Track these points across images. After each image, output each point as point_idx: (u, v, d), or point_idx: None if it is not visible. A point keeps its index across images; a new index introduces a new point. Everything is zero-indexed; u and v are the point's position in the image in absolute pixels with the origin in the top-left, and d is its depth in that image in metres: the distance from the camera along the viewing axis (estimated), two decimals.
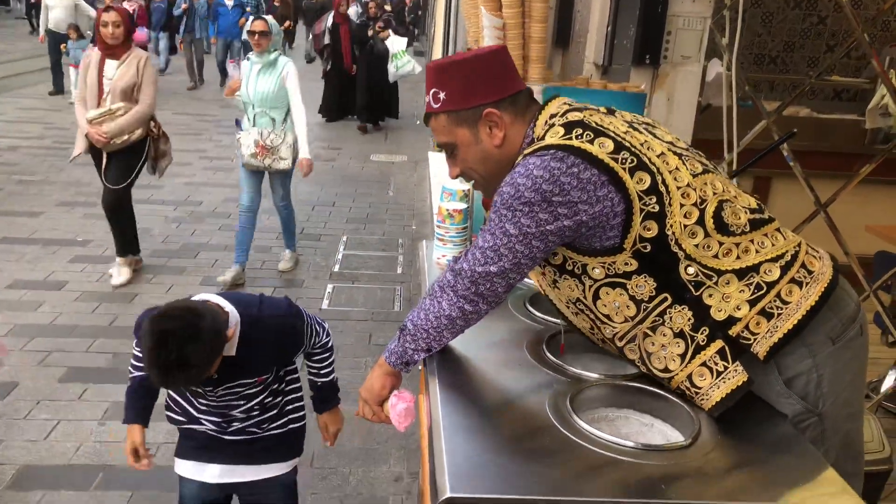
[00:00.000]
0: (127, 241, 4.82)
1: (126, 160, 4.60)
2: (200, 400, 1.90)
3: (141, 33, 11.62)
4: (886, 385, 3.32)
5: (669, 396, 1.52)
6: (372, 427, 3.24)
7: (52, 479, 2.85)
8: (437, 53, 8.69)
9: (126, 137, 4.47)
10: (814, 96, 6.30)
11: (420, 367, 1.84)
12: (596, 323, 1.55)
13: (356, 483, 2.95)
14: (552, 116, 1.54)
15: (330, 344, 2.10)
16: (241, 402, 1.90)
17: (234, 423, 1.93)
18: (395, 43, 9.34)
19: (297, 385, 2.07)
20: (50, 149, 7.96)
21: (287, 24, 14.94)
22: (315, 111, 10.90)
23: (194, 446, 1.97)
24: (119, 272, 4.74)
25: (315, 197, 6.96)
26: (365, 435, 3.25)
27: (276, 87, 4.60)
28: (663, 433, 1.52)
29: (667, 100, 2.56)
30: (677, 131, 2.63)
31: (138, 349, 1.94)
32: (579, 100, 2.26)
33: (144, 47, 12.31)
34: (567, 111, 1.55)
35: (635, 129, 1.53)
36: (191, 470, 1.99)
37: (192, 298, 1.80)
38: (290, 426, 2.04)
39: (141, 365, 1.94)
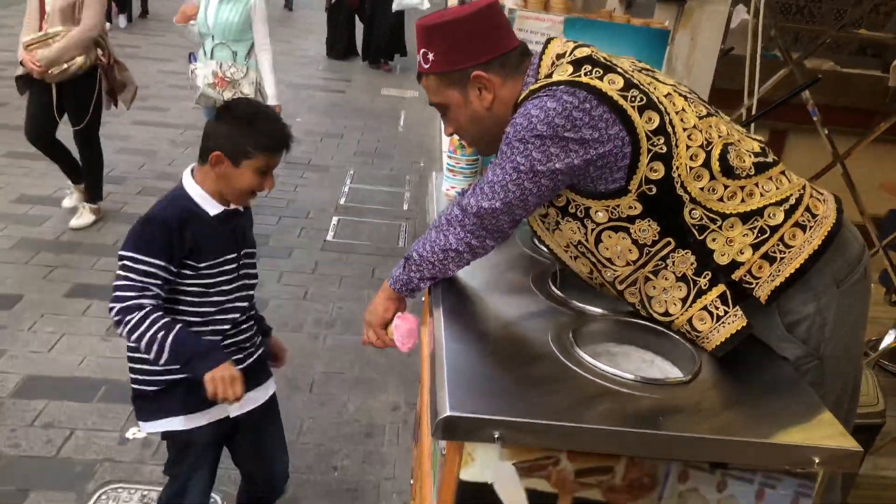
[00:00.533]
0: (97, 183, 4.43)
1: (76, 96, 4.06)
2: (223, 290, 1.82)
3: None
4: (885, 343, 3.33)
5: (672, 335, 1.53)
6: (371, 356, 3.28)
7: (55, 390, 2.90)
8: None
9: (65, 66, 3.86)
10: (839, 50, 6.15)
11: (423, 299, 1.85)
12: (597, 266, 1.55)
13: (354, 410, 3.00)
14: (558, 57, 1.51)
15: None
16: (251, 282, 1.91)
17: (242, 328, 1.91)
18: None
19: None
20: None
21: None
22: (320, 47, 10.55)
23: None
24: (82, 214, 4.37)
25: (323, 128, 6.89)
26: (364, 364, 3.29)
27: (241, 19, 4.03)
28: (663, 370, 1.52)
29: (690, 39, 2.49)
30: (698, 72, 2.57)
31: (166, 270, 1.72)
32: (600, 34, 2.21)
33: None
34: (574, 48, 1.52)
35: (638, 70, 1.51)
36: (207, 416, 1.87)
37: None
38: (262, 344, 2.04)
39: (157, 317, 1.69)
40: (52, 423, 2.73)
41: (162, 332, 1.66)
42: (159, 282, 1.71)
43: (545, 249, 1.89)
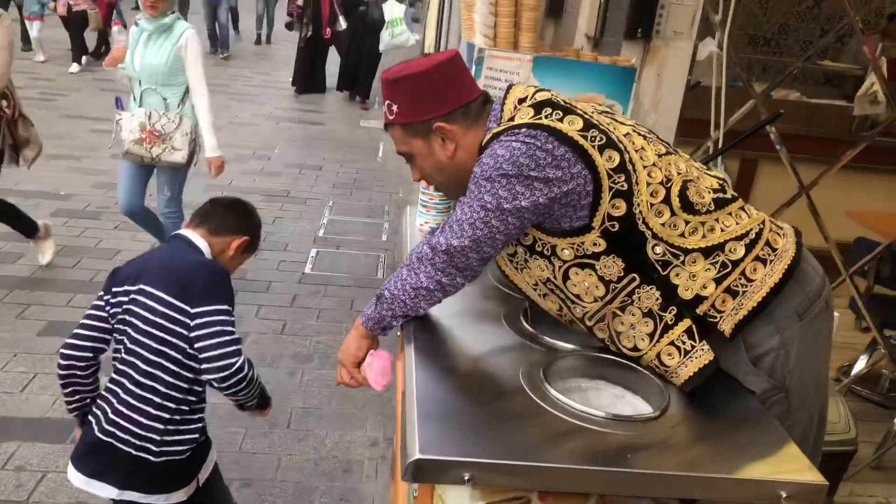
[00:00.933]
0: (25, 226, 4.09)
1: None
2: None
3: None
4: (857, 369, 3.38)
5: (641, 369, 1.55)
6: (349, 391, 3.27)
7: (27, 432, 2.86)
8: (433, 21, 8.56)
9: None
10: (805, 81, 6.30)
11: (398, 334, 1.85)
12: (566, 303, 1.57)
13: (332, 446, 2.98)
14: (520, 101, 1.57)
15: None
16: None
17: None
18: (394, 8, 8.43)
19: None
20: (33, 100, 7.83)
21: None
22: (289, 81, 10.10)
23: (205, 439, 1.92)
24: (42, 252, 4.19)
25: (302, 160, 6.91)
26: (342, 399, 3.27)
27: (169, 60, 3.57)
28: (634, 405, 1.54)
29: (656, 75, 2.55)
30: (666, 108, 2.63)
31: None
32: (569, 72, 2.26)
33: (111, 7, 10.02)
34: (534, 93, 1.58)
35: (598, 112, 1.56)
36: (195, 484, 1.90)
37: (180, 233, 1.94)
38: None
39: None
40: (24, 465, 2.68)
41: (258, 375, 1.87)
42: None
43: (514, 287, 1.92)
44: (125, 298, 1.80)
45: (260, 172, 6.41)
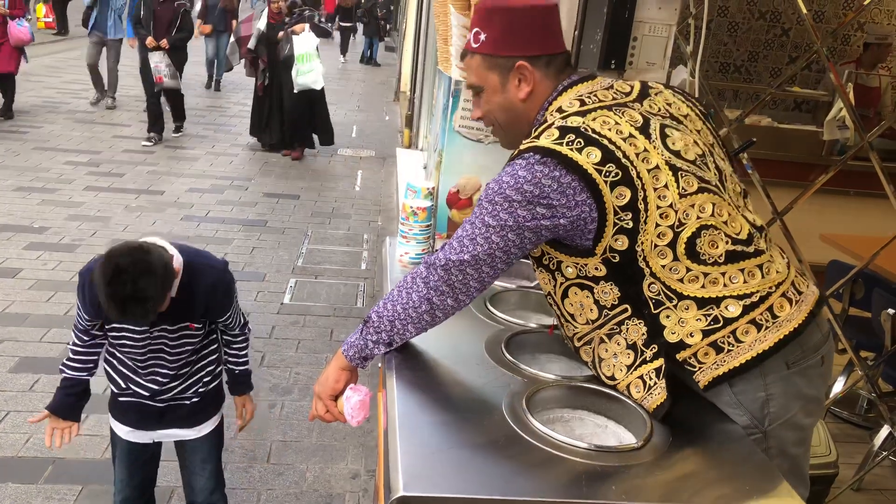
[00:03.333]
0: None
1: None
2: (130, 355, 1.98)
3: (20, 29, 7.98)
4: (835, 390, 3.40)
5: (624, 399, 1.54)
6: (330, 424, 3.22)
7: None
8: (408, 50, 8.63)
9: None
10: (775, 106, 6.44)
11: (379, 365, 1.84)
12: (560, 320, 1.58)
13: (312, 480, 2.94)
14: (559, 110, 1.53)
15: (248, 333, 2.23)
16: (166, 354, 1.99)
17: (161, 388, 2.04)
18: (304, 42, 7.43)
19: (216, 357, 2.17)
20: (5, 132, 7.76)
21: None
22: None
23: (131, 416, 2.08)
24: None
25: (280, 189, 6.90)
26: (322, 431, 3.23)
27: None
28: (617, 435, 1.53)
29: None
30: None
31: (78, 339, 2.02)
32: None
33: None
34: (571, 114, 1.49)
35: (645, 131, 1.46)
36: (126, 433, 2.12)
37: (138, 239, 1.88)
38: (209, 388, 2.16)
39: (77, 357, 2.04)
40: None
41: None
42: None
43: (498, 314, 1.92)
44: None
45: (237, 202, 6.39)
